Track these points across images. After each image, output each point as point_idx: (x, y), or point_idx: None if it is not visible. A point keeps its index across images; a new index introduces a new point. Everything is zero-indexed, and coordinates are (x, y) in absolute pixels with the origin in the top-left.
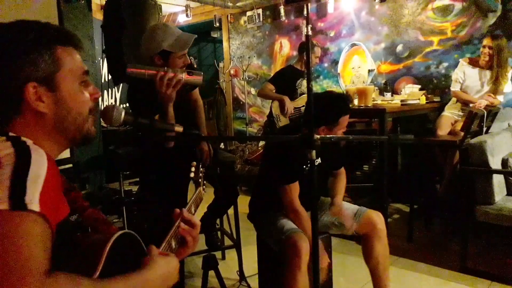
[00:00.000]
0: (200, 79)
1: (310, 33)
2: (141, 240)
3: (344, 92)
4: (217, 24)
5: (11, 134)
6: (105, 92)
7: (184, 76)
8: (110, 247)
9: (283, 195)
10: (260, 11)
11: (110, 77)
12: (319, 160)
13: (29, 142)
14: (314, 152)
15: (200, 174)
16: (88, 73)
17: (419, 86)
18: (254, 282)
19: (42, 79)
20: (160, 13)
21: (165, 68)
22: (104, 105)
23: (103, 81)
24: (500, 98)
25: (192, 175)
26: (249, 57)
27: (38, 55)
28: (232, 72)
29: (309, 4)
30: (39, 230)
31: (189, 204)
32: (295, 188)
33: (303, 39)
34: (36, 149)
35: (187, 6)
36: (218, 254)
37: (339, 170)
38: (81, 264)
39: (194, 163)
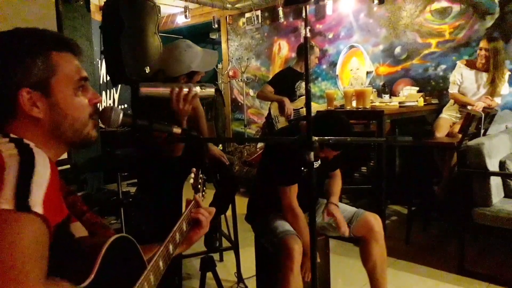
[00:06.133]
0: (213, 92)
1: (308, 35)
2: (138, 242)
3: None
4: (216, 26)
5: (12, 135)
6: (104, 93)
7: (198, 90)
8: (105, 250)
9: (282, 196)
10: (258, 12)
11: (108, 78)
12: (318, 163)
13: (32, 144)
14: (312, 154)
15: (200, 181)
16: (87, 79)
17: (417, 88)
18: (252, 284)
19: (36, 84)
20: (159, 15)
21: (178, 84)
22: (103, 107)
23: (101, 82)
24: (498, 100)
25: (191, 181)
26: (247, 59)
27: (32, 61)
28: (230, 73)
29: (307, 6)
30: (40, 233)
31: (186, 210)
32: (294, 189)
33: (302, 40)
34: (39, 152)
35: (186, 8)
36: (216, 256)
37: (334, 172)
38: (76, 267)
39: (194, 169)
